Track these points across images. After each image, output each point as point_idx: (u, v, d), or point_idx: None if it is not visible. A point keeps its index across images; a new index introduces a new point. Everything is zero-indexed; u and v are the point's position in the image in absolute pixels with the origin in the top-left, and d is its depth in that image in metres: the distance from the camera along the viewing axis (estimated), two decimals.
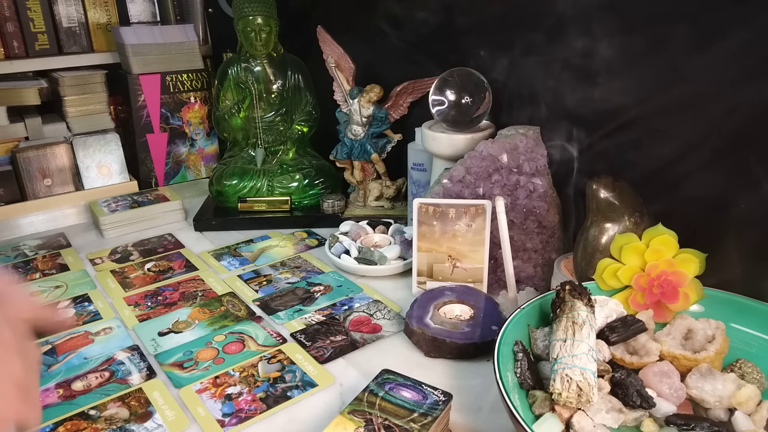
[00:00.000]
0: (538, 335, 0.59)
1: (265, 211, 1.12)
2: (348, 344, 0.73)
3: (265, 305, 0.83)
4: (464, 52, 0.91)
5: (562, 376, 0.50)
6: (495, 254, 0.80)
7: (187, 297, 0.85)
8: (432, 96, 0.87)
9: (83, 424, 0.60)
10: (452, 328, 0.70)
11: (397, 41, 1.04)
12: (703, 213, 0.67)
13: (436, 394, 0.56)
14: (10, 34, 1.20)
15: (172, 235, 1.08)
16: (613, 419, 0.51)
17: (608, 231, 0.67)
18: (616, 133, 0.74)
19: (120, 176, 1.23)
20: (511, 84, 0.86)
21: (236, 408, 0.62)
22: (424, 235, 0.81)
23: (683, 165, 0.68)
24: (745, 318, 0.60)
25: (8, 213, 1.11)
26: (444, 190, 0.81)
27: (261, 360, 0.70)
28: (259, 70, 1.12)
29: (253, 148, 1.16)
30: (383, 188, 1.11)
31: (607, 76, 0.73)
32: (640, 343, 0.58)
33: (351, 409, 0.54)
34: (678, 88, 0.66)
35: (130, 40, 1.22)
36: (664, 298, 0.61)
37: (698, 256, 0.61)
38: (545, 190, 0.79)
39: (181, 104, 1.29)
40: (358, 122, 1.06)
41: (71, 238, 1.08)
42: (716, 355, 0.56)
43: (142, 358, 0.72)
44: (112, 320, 0.80)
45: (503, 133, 0.82)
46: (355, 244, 0.93)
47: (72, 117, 1.23)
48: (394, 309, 0.81)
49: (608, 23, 0.71)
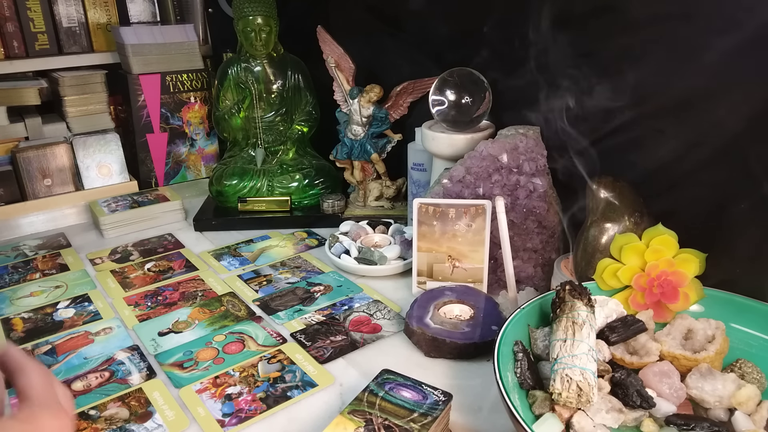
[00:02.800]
0: (538, 335, 0.59)
1: (265, 211, 1.12)
2: (348, 344, 0.73)
3: (265, 305, 0.83)
4: (464, 52, 0.91)
5: (562, 376, 0.50)
6: (495, 254, 0.80)
7: (187, 297, 0.85)
8: (432, 96, 0.87)
9: (83, 424, 0.60)
10: (452, 328, 0.70)
11: (397, 41, 1.04)
12: (703, 213, 0.67)
13: (436, 394, 0.56)
14: (10, 34, 1.20)
15: (172, 235, 1.08)
16: (613, 419, 0.51)
17: (608, 231, 0.67)
18: (616, 133, 0.74)
19: (120, 176, 1.23)
20: (511, 84, 0.86)
21: (236, 408, 0.62)
22: (424, 235, 0.81)
23: (683, 165, 0.68)
24: (745, 318, 0.60)
25: (8, 213, 1.11)
26: (444, 190, 0.81)
27: (261, 360, 0.70)
28: (259, 70, 1.12)
29: (253, 148, 1.16)
30: (383, 188, 1.11)
31: (608, 75, 0.73)
32: (640, 343, 0.58)
33: (351, 409, 0.54)
34: (678, 87, 0.66)
35: (130, 40, 1.22)
36: (664, 298, 0.61)
37: (698, 256, 0.61)
38: (545, 190, 0.79)
39: (181, 104, 1.29)
40: (358, 122, 1.06)
41: (71, 238, 1.08)
42: (716, 355, 0.56)
43: (142, 358, 0.72)
44: (112, 320, 0.80)
45: (503, 133, 0.82)
46: (355, 244, 0.93)
47: (72, 117, 1.23)
48: (394, 309, 0.81)
49: (608, 23, 0.71)
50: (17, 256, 1.01)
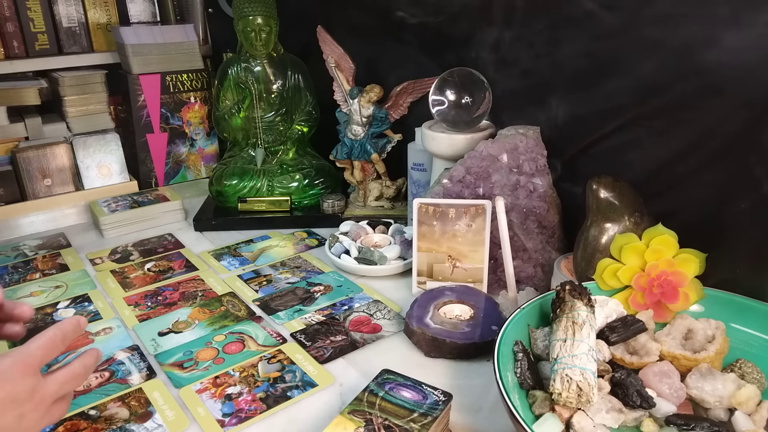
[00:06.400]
0: (538, 335, 0.59)
1: (265, 211, 1.12)
2: (348, 344, 0.73)
3: (265, 305, 0.83)
4: (464, 52, 0.91)
5: (562, 376, 0.50)
6: (495, 254, 0.80)
7: (187, 297, 0.85)
8: (432, 96, 0.87)
9: (83, 424, 0.60)
10: (452, 328, 0.70)
11: (397, 41, 1.04)
12: (703, 213, 0.67)
13: (436, 394, 0.56)
14: (10, 34, 1.20)
15: (172, 235, 1.08)
16: (613, 419, 0.51)
17: (608, 231, 0.67)
18: (616, 133, 0.74)
19: (120, 176, 1.23)
20: (511, 84, 0.86)
21: (236, 408, 0.62)
22: (424, 235, 0.81)
23: (683, 165, 0.68)
24: (745, 318, 0.60)
25: (8, 213, 1.11)
26: (444, 190, 0.81)
27: (261, 360, 0.70)
28: (259, 70, 1.12)
29: (253, 148, 1.16)
30: (383, 188, 1.11)
31: (608, 75, 0.73)
32: (640, 343, 0.58)
33: (351, 409, 0.54)
34: (678, 87, 0.66)
35: (130, 40, 1.22)
36: (664, 298, 0.61)
37: (698, 256, 0.61)
38: (545, 190, 0.79)
39: (181, 104, 1.29)
40: (358, 122, 1.06)
41: (71, 238, 1.08)
42: (716, 355, 0.56)
43: (142, 358, 0.72)
44: (112, 320, 0.80)
45: (503, 133, 0.82)
46: (355, 244, 0.93)
47: (72, 117, 1.23)
48: (394, 309, 0.81)
49: (609, 23, 0.71)
50: (17, 256, 1.01)
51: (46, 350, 0.47)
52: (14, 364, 0.44)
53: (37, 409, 0.45)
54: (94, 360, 0.52)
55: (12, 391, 0.43)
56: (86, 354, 0.51)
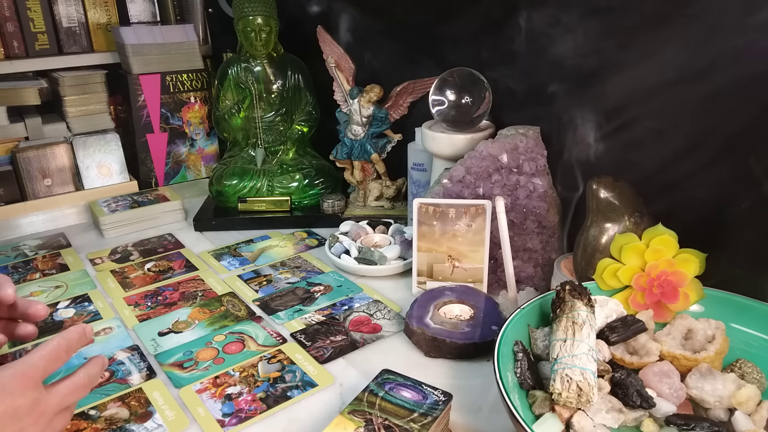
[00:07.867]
0: (538, 335, 0.59)
1: (265, 211, 1.12)
2: (348, 344, 0.73)
3: (265, 305, 0.83)
4: (464, 52, 0.91)
5: (562, 376, 0.50)
6: (495, 254, 0.80)
7: (187, 297, 0.85)
8: (432, 96, 0.87)
9: (83, 424, 0.60)
10: (452, 328, 0.70)
11: (397, 41, 1.04)
12: (703, 213, 0.67)
13: (436, 394, 0.56)
14: (10, 34, 1.20)
15: (172, 235, 1.08)
16: (613, 419, 0.51)
17: (608, 231, 0.67)
18: (616, 133, 0.74)
19: (120, 176, 1.23)
20: (511, 84, 0.86)
21: (236, 408, 0.62)
22: (424, 235, 0.81)
23: (683, 165, 0.68)
24: (745, 318, 0.60)
25: (8, 213, 1.11)
26: (444, 190, 0.81)
27: (261, 360, 0.70)
28: (259, 70, 1.12)
29: (253, 148, 1.16)
30: (383, 188, 1.11)
31: (608, 75, 0.73)
32: (640, 343, 0.58)
33: (351, 409, 0.54)
34: (678, 87, 0.66)
35: (130, 40, 1.22)
36: (664, 298, 0.61)
37: (698, 256, 0.61)
38: (545, 190, 0.79)
39: (181, 104, 1.29)
40: (358, 122, 1.06)
41: (71, 238, 1.08)
42: (716, 355, 0.56)
43: (142, 358, 0.72)
44: (112, 320, 0.80)
45: (503, 133, 0.82)
46: (355, 244, 0.93)
47: (72, 117, 1.23)
48: (394, 309, 0.81)
49: (609, 23, 0.71)
50: (17, 256, 1.01)
51: (48, 361, 0.45)
52: (15, 376, 0.43)
53: (37, 423, 0.44)
54: (100, 369, 0.50)
55: (12, 406, 0.42)
56: (91, 362, 0.50)
